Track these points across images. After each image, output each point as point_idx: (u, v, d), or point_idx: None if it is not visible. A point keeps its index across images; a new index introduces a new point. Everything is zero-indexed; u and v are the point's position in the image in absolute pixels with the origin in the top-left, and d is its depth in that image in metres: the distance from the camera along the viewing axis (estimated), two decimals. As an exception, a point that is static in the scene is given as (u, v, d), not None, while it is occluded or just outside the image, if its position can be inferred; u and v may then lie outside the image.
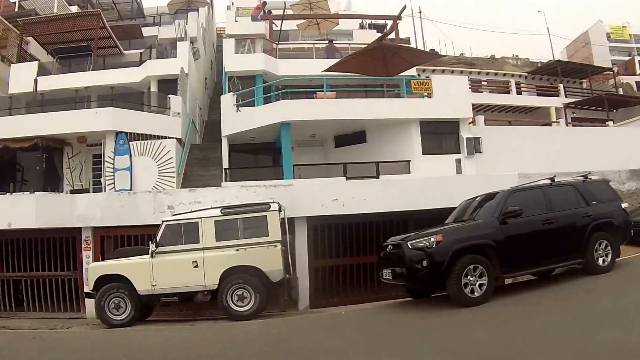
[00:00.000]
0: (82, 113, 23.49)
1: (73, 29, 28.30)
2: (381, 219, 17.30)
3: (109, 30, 29.24)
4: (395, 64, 24.51)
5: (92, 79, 27.35)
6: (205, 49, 36.58)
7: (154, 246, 14.69)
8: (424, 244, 12.23)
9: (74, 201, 17.61)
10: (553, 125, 34.84)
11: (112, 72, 28.08)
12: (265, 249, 14.77)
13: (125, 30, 32.20)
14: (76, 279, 17.31)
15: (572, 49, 73.97)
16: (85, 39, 28.94)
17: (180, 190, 18.29)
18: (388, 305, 14.83)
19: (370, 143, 25.59)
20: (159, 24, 35.87)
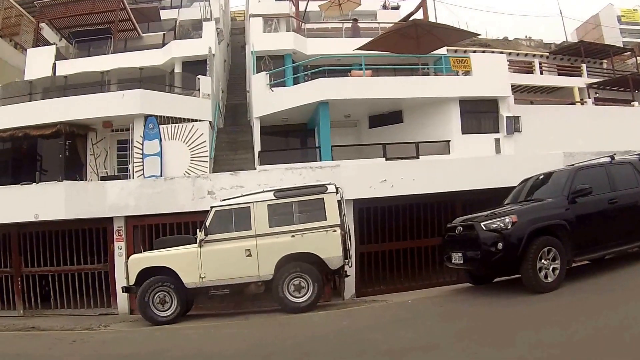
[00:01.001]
0: (108, 96, 22.14)
1: (92, 11, 27.23)
2: (428, 200, 16.56)
3: (129, 12, 28.22)
4: (427, 42, 23.70)
5: (114, 62, 25.94)
6: (224, 31, 35.27)
7: (203, 234, 13.46)
8: (499, 225, 11.41)
9: (105, 189, 16.40)
10: (579, 105, 34.01)
11: (135, 55, 26.95)
12: (323, 234, 13.54)
13: (142, 13, 30.99)
14: (107, 272, 16.17)
15: (583, 31, 73.21)
16: (104, 22, 27.89)
17: (220, 175, 16.98)
18: (452, 292, 14.06)
19: (407, 123, 24.45)
20: (179, 6, 34.55)
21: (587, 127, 24.01)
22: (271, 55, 26.75)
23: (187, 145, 21.17)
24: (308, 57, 26.86)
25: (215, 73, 26.53)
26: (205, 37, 27.60)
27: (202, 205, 15.59)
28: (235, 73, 35.60)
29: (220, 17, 32.51)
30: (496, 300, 11.55)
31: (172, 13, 33.32)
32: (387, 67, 25.76)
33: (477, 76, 23.98)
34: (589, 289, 11.04)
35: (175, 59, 27.06)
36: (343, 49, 25.78)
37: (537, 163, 16.25)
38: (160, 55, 27.36)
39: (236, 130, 26.16)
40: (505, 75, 25.01)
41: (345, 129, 25.46)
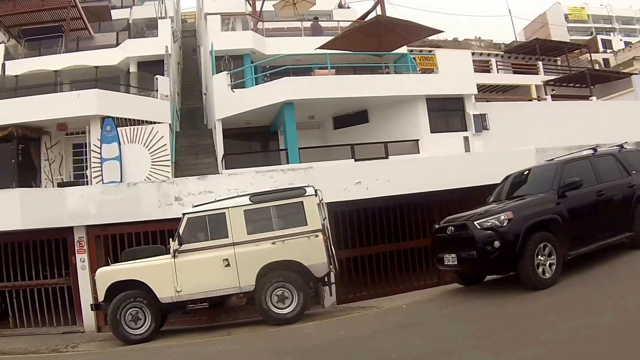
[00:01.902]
0: (63, 97, 20.97)
1: (42, 7, 26.02)
2: (404, 201, 16.16)
3: (80, 10, 26.99)
4: (389, 40, 24.02)
5: (67, 61, 24.92)
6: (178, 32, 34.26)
7: (177, 244, 12.50)
8: (494, 222, 11.11)
9: (64, 196, 15.17)
10: (542, 102, 34.28)
11: (88, 54, 25.84)
12: (306, 240, 12.79)
13: (93, 12, 29.63)
14: (70, 287, 14.93)
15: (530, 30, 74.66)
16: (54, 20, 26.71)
17: (187, 179, 15.99)
18: (445, 294, 13.48)
19: (372, 123, 23.88)
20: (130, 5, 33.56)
21: (552, 123, 23.91)
22: (230, 55, 25.73)
23: (148, 148, 20.12)
24: (267, 57, 25.99)
25: (172, 74, 25.52)
26: (161, 36, 26.80)
27: (169, 212, 14.74)
28: (187, 77, 34.65)
29: (174, 16, 31.55)
30: (497, 300, 11.09)
31: (123, 12, 32.24)
32: (349, 66, 25.21)
33: (443, 74, 23.46)
34: (587, 282, 10.88)
35: (130, 58, 26.10)
36: (303, 49, 25.19)
37: (510, 160, 16.35)
38: (115, 54, 26.33)
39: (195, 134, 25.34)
40: (471, 73, 24.58)
41: (309, 130, 24.71)
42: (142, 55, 25.90)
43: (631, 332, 7.23)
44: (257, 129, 24.72)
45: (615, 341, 6.98)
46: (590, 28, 79.25)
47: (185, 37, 39.77)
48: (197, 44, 36.64)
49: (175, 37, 29.42)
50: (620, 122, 23.90)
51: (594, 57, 50.40)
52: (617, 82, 37.11)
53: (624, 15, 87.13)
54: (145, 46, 26.26)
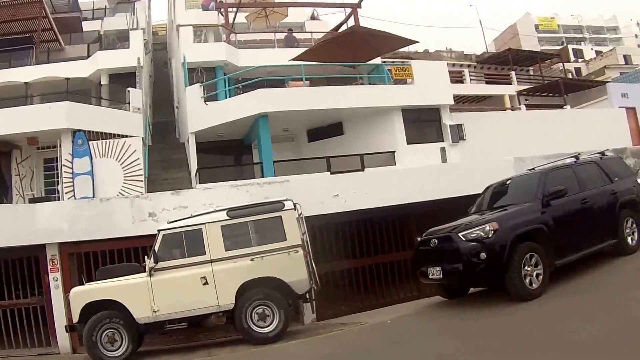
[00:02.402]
0: (33, 109, 20.48)
1: (13, 18, 25.66)
2: (382, 214, 16.21)
3: (51, 21, 26.57)
4: (363, 52, 23.72)
5: (37, 73, 24.33)
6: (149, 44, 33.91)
7: (152, 261, 12.10)
8: (479, 234, 10.95)
9: (35, 212, 14.80)
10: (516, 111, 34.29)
11: (59, 66, 25.30)
12: (285, 256, 12.51)
13: (63, 23, 29.08)
14: (43, 307, 14.43)
15: (500, 41, 75.43)
16: (25, 31, 26.30)
17: (161, 194, 15.65)
18: (429, 308, 13.28)
19: (348, 135, 23.54)
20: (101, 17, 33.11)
21: (528, 132, 24.02)
22: (203, 67, 25.31)
23: (120, 163, 19.64)
24: (240, 69, 25.58)
25: (144, 86, 25.12)
26: (133, 47, 26.38)
27: (144, 228, 14.39)
28: (159, 90, 34.26)
29: (145, 28, 31.13)
30: (485, 313, 10.88)
31: (94, 24, 31.71)
32: (323, 78, 24.82)
33: (419, 84, 23.24)
34: (574, 291, 10.80)
35: (101, 70, 25.69)
36: (277, 60, 24.64)
37: (488, 170, 16.43)
38: (86, 66, 25.91)
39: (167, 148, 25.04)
40: (447, 83, 24.42)
41: (283, 143, 24.30)
42: (113, 67, 25.48)
43: (623, 339, 7.23)
44: (231, 142, 24.30)
45: (611, 349, 6.98)
46: (561, 38, 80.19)
47: (157, 50, 39.47)
48: (169, 57, 36.34)
49: (147, 48, 29.04)
50: (596, 129, 24.28)
51: (566, 67, 51.02)
52: (590, 90, 37.30)
53: (594, 24, 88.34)
54: (117, 58, 25.84)
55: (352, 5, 30.06)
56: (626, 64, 54.38)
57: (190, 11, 31.84)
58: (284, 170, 20.94)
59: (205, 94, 22.48)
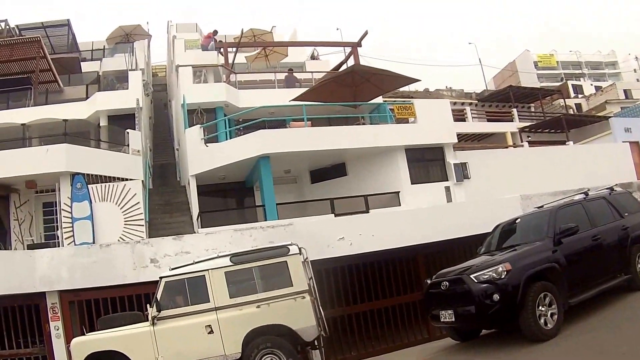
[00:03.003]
0: (31, 152, 20.17)
1: (10, 58, 25.39)
2: (389, 256, 15.92)
3: (49, 61, 26.25)
4: (365, 91, 23.60)
5: (35, 114, 24.08)
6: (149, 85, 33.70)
7: (155, 310, 11.69)
8: (491, 275, 10.78)
9: (34, 259, 14.32)
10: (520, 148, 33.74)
11: (57, 107, 25.01)
12: (292, 302, 12.16)
13: (62, 64, 28.87)
14: (45, 357, 13.98)
15: (500, 79, 75.60)
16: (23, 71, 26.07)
17: (162, 240, 15.28)
18: (443, 352, 12.92)
19: (351, 175, 23.39)
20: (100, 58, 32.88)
21: (533, 169, 23.86)
22: (203, 108, 25.07)
23: (120, 207, 19.25)
24: (240, 110, 25.38)
25: (143, 128, 24.86)
26: (132, 88, 26.17)
27: (145, 275, 14.06)
28: (159, 132, 34.18)
29: (144, 69, 30.98)
30: (502, 356, 10.54)
31: (93, 65, 31.46)
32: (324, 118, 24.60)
33: (422, 123, 23.14)
34: (589, 329, 10.56)
35: (100, 112, 25.38)
36: (277, 100, 24.45)
37: (494, 208, 16.48)
38: (84, 107, 25.60)
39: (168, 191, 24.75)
40: (450, 121, 24.35)
41: (285, 185, 24.11)
42: (112, 109, 25.22)
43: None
44: (233, 184, 24.06)
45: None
46: (560, 74, 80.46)
47: (156, 91, 39.32)
48: (169, 98, 36.16)
49: (147, 89, 28.82)
50: (600, 164, 24.31)
51: (567, 103, 51.00)
52: (592, 125, 37.26)
53: (593, 60, 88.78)
54: (116, 99, 25.60)
55: (352, 45, 29.95)
56: (626, 98, 54.50)
57: (190, 51, 31.60)
58: (287, 212, 20.63)
59: (206, 135, 22.20)
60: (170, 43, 33.86)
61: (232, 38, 32.51)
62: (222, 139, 23.20)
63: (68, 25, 32.33)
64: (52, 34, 31.66)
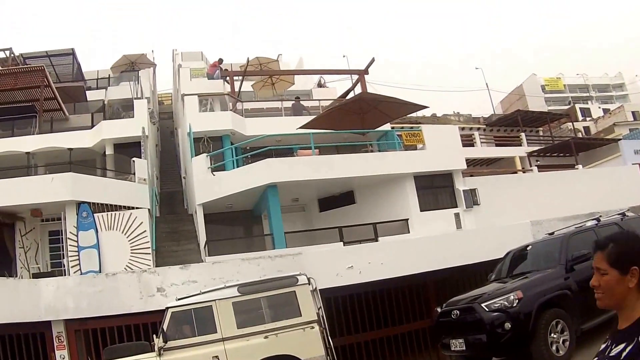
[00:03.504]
0: (36, 180, 19.97)
1: (15, 86, 25.26)
2: (399, 284, 15.92)
3: (53, 90, 26.16)
4: (373, 118, 23.46)
5: (40, 142, 23.89)
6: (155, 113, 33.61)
7: (162, 341, 11.48)
8: (502, 303, 10.78)
9: (40, 288, 14.27)
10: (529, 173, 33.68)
11: (62, 136, 24.78)
12: (301, 333, 12.01)
13: (67, 92, 28.76)
14: (52, 386, 13.78)
15: (507, 103, 75.46)
16: (28, 100, 25.97)
17: (169, 269, 15.19)
18: None
19: (360, 203, 23.09)
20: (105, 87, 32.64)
21: (543, 194, 23.54)
22: (209, 137, 24.91)
23: (126, 235, 19.10)
24: (247, 138, 25.13)
25: (150, 156, 24.76)
26: (137, 116, 25.96)
27: (152, 304, 13.95)
28: (166, 159, 34.09)
29: (150, 97, 30.88)
30: None
31: (98, 94, 31.32)
32: (331, 146, 24.53)
33: (430, 150, 22.84)
34: None
35: (106, 140, 25.16)
36: (284, 129, 24.34)
37: (505, 234, 16.44)
38: (89, 136, 25.44)
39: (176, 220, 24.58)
40: (459, 147, 24.08)
41: (293, 214, 23.94)
42: (118, 137, 25.01)
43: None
44: (240, 213, 23.82)
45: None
46: (567, 97, 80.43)
47: (163, 119, 39.34)
48: (175, 126, 36.07)
49: (153, 117, 28.68)
50: (611, 187, 23.93)
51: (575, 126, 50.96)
52: (601, 148, 37.26)
53: (600, 82, 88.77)
54: (121, 127, 25.43)
55: (358, 72, 29.91)
56: (635, 120, 54.46)
57: (195, 80, 31.55)
58: (295, 240, 20.49)
59: (212, 164, 22.01)
60: (176, 72, 33.84)
61: (238, 66, 32.39)
62: (229, 168, 22.96)
63: (73, 54, 32.31)
64: (57, 62, 31.61)
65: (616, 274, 3.04)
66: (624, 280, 2.99)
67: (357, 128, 23.65)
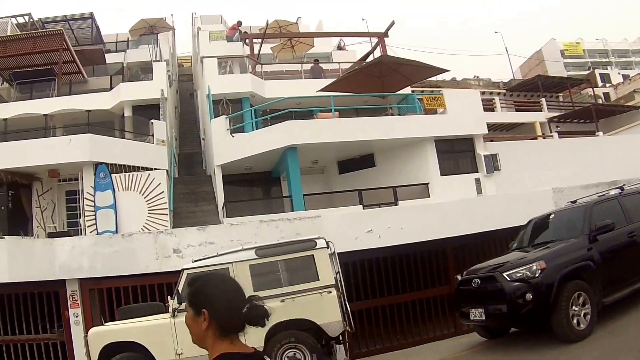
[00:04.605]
0: (54, 142, 19.94)
1: (33, 50, 25.14)
2: (417, 249, 15.30)
3: (72, 53, 26.08)
4: (393, 81, 23.16)
5: (59, 104, 23.89)
6: (174, 76, 33.43)
7: (176, 302, 11.36)
8: (524, 273, 10.32)
9: (54, 248, 14.10)
10: (549, 139, 33.08)
11: (81, 98, 24.77)
12: (318, 297, 11.73)
13: (86, 56, 28.69)
14: (63, 343, 13.78)
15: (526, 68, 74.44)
16: (47, 63, 25.80)
17: (186, 230, 14.99)
18: (473, 348, 12.41)
19: (379, 167, 22.85)
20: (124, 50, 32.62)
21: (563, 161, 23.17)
22: (228, 99, 24.66)
23: (144, 196, 18.93)
24: (266, 100, 24.98)
25: (169, 118, 24.56)
26: (156, 79, 25.83)
27: (168, 265, 13.77)
28: (185, 121, 33.96)
29: (169, 60, 30.66)
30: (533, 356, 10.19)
31: (117, 57, 31.21)
32: (351, 109, 24.19)
33: (451, 114, 22.51)
34: (624, 329, 10.16)
35: (124, 102, 25.07)
36: (303, 91, 24.06)
37: (526, 201, 16.02)
38: (108, 98, 25.35)
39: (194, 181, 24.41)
40: (480, 112, 23.69)
41: (312, 176, 23.68)
42: (136, 99, 24.92)
43: None
44: (259, 174, 23.69)
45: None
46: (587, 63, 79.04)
47: (182, 82, 39.21)
48: (194, 88, 35.94)
49: (172, 80, 28.50)
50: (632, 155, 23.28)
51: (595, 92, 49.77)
52: (620, 116, 36.83)
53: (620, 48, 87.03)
54: (140, 90, 25.29)
55: (378, 35, 29.60)
56: (655, 86, 53.30)
57: (215, 43, 31.12)
58: (314, 203, 20.32)
59: (232, 126, 21.86)
60: (195, 35, 33.58)
61: (257, 29, 32.27)
62: (248, 130, 22.86)
63: (92, 18, 32.15)
64: (76, 26, 31.51)
65: (191, 314, 3.18)
66: (198, 321, 3.13)
67: (377, 91, 23.37)
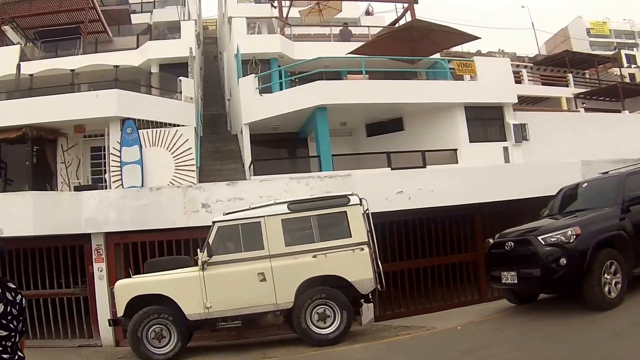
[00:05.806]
0: (80, 97, 19.63)
1: (59, 9, 25.02)
2: (446, 213, 15.38)
3: (98, 12, 25.97)
4: (423, 46, 22.84)
5: (85, 61, 23.63)
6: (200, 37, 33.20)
7: (206, 255, 11.22)
8: (559, 238, 10.28)
9: (81, 201, 14.03)
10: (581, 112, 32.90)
11: (107, 55, 24.55)
12: (350, 254, 11.62)
13: (112, 15, 28.60)
14: (86, 298, 13.77)
15: (552, 44, 73.30)
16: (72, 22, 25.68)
17: (216, 185, 14.84)
18: (498, 314, 12.44)
19: (408, 131, 22.50)
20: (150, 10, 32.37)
21: (589, 135, 22.82)
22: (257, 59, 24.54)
23: (171, 152, 18.75)
24: (295, 62, 24.77)
25: (196, 77, 24.34)
26: (184, 38, 25.67)
27: (196, 220, 13.72)
28: (209, 84, 33.70)
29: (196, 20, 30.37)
30: (562, 323, 10.07)
31: (143, 17, 31.06)
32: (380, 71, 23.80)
33: (482, 81, 22.12)
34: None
35: (152, 60, 24.97)
36: (332, 54, 23.53)
37: (554, 172, 15.93)
38: (135, 56, 25.21)
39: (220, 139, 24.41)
40: (511, 81, 23.36)
41: (340, 137, 23.32)
42: (164, 57, 24.82)
43: None
44: (286, 134, 23.43)
45: None
46: (613, 43, 78.00)
47: (207, 44, 38.89)
48: (219, 51, 35.84)
49: (199, 40, 28.29)
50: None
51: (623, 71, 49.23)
52: (645, 96, 36.03)
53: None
54: (168, 48, 25.16)
55: (408, 0, 29.07)
56: (680, 69, 52.62)
57: (242, 4, 30.94)
58: (341, 164, 20.05)
59: (260, 85, 21.65)
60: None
61: (287, -9, 31.77)
62: (276, 90, 22.69)
63: (117, -22, 31.80)
64: (102, -14, 31.12)
65: None
66: None
67: (407, 56, 22.99)
